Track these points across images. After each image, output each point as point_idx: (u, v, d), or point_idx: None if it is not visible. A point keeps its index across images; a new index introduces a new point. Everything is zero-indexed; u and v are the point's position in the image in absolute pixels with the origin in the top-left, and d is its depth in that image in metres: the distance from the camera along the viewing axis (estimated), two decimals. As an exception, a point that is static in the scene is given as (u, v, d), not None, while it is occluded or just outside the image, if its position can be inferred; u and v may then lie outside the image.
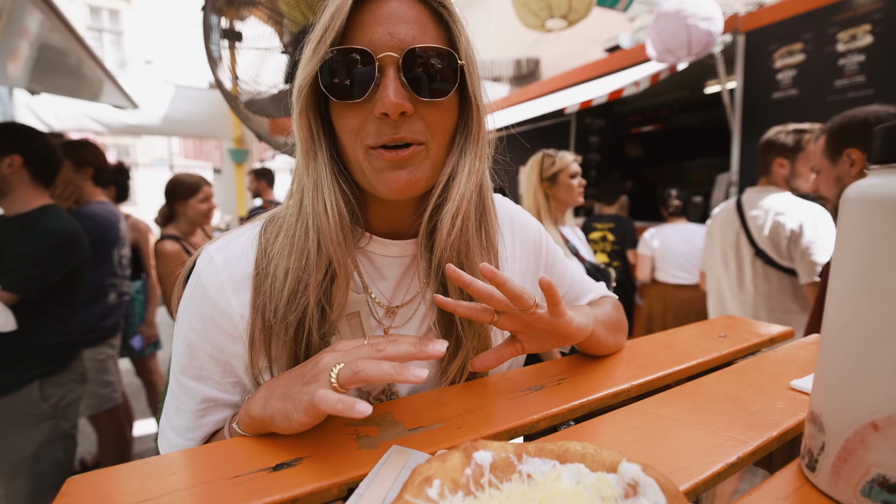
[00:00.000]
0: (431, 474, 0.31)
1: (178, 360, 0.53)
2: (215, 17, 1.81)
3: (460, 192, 0.52)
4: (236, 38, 1.85)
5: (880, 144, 0.34)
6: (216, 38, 1.84)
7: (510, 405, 0.53)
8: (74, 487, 0.39)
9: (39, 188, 1.54)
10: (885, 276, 0.32)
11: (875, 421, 0.32)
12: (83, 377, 1.68)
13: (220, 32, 1.84)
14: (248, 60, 1.89)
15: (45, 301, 1.50)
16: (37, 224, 1.48)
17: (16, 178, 1.48)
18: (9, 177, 1.47)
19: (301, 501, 0.38)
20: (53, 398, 1.52)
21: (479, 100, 0.53)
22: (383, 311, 0.57)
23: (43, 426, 1.50)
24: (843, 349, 0.35)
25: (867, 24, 2.41)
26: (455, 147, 0.54)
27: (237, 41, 1.87)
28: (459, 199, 0.52)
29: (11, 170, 1.46)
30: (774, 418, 0.47)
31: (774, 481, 0.38)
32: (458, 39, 0.50)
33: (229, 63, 1.91)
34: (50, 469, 1.52)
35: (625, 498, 0.31)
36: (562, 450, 0.35)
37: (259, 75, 1.87)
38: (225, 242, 0.54)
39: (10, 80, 2.67)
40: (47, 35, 2.06)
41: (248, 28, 1.88)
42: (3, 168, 1.45)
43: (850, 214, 0.35)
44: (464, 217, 0.53)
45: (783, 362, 0.65)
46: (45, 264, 1.45)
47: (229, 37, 1.84)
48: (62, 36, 2.06)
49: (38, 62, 2.41)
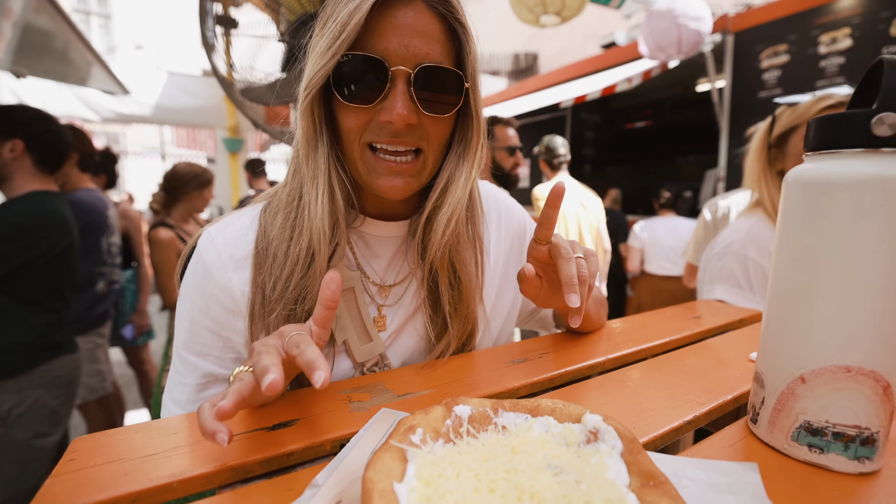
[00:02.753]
0: (415, 424, 0.35)
1: (181, 336, 0.56)
2: (210, 2, 1.80)
3: (456, 198, 0.56)
4: (231, 24, 1.85)
5: (813, 134, 0.38)
6: (211, 24, 1.83)
7: (494, 375, 0.56)
8: (81, 446, 0.41)
9: (43, 174, 1.46)
10: (813, 247, 0.36)
11: (803, 374, 0.37)
12: (60, 381, 1.49)
13: (215, 19, 1.83)
14: (243, 48, 1.88)
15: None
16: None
17: (17, 163, 1.40)
18: (9, 162, 1.38)
19: (296, 455, 0.41)
20: (5, 405, 1.35)
21: (479, 115, 0.56)
22: (376, 288, 0.61)
23: None
24: (780, 313, 0.39)
25: (847, 28, 2.50)
26: (452, 154, 0.58)
27: (232, 28, 1.86)
28: (455, 203, 0.56)
29: (13, 155, 1.38)
30: (731, 384, 0.52)
31: (723, 434, 0.42)
32: (468, 56, 0.52)
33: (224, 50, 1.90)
34: None
35: (586, 443, 0.35)
36: (534, 405, 0.39)
37: (255, 63, 1.87)
38: (225, 224, 0.57)
39: (-7, 62, 2.62)
40: (31, 16, 2.02)
41: (244, 15, 1.87)
42: (5, 153, 1.37)
43: (787, 194, 0.39)
44: (457, 219, 0.57)
45: (748, 339, 0.70)
46: None
47: (224, 23, 1.83)
48: (48, 17, 2.02)
49: (21, 44, 2.36)
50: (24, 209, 1.38)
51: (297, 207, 0.54)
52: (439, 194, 0.57)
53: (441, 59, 0.50)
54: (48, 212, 1.42)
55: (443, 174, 0.57)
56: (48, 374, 1.46)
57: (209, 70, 1.90)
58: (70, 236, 1.50)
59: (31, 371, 1.41)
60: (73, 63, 2.88)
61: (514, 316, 0.74)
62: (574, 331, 0.73)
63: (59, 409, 1.51)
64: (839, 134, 0.36)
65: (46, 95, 3.88)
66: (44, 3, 1.89)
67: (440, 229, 0.56)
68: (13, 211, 1.37)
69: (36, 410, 1.42)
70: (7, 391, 1.37)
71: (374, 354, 0.59)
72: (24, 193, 1.42)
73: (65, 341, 1.54)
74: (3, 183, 1.42)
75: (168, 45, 10.72)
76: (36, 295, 1.43)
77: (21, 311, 1.39)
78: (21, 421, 1.39)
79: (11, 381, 1.37)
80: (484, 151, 0.59)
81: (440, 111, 0.51)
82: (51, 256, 1.43)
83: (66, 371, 1.52)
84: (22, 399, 1.39)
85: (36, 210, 1.40)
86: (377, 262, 0.61)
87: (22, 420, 1.39)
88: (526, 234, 0.74)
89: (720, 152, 3.14)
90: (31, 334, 1.41)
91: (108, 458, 0.40)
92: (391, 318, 0.61)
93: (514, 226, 0.73)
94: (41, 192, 1.45)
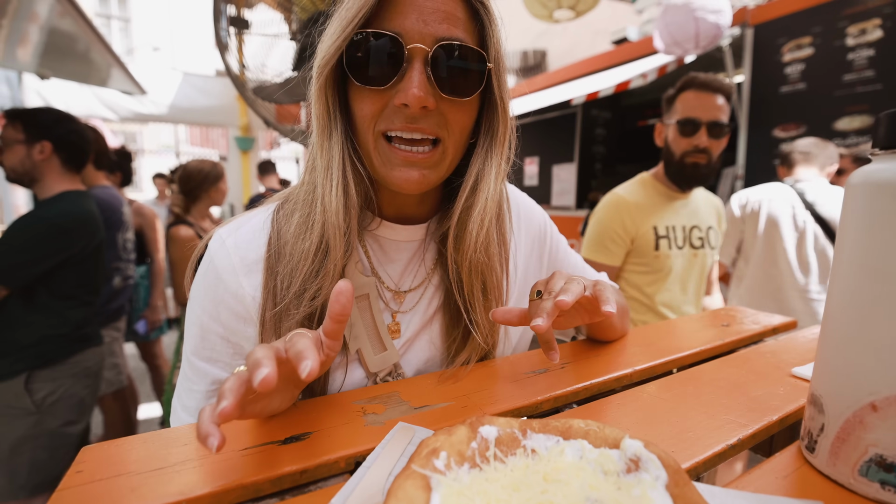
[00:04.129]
0: (438, 446, 0.32)
1: (190, 342, 0.54)
2: (224, 3, 1.80)
3: (488, 196, 0.53)
4: (244, 25, 1.85)
5: (884, 130, 0.34)
6: (225, 25, 1.84)
7: (514, 387, 0.54)
8: (89, 456, 0.40)
9: (71, 173, 1.52)
10: (885, 258, 0.32)
11: (874, 402, 0.33)
12: (89, 372, 1.58)
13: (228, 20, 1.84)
14: (255, 47, 1.89)
15: (37, 291, 1.42)
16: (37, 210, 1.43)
17: (47, 164, 1.45)
18: (40, 163, 1.44)
19: (309, 473, 0.39)
20: (40, 393, 1.43)
21: (505, 102, 0.52)
22: (391, 294, 0.58)
23: (24, 421, 1.41)
24: (844, 330, 0.35)
25: (877, 19, 2.39)
26: (480, 148, 0.54)
27: (245, 29, 1.87)
28: (488, 201, 0.53)
29: (42, 156, 1.44)
30: (775, 403, 0.48)
31: (774, 461, 0.38)
32: (490, 39, 0.49)
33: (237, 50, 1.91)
34: (25, 468, 1.41)
35: (627, 473, 0.32)
36: (565, 426, 0.36)
37: (266, 62, 1.87)
38: (236, 226, 0.55)
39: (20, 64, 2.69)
40: (57, 20, 2.07)
41: (257, 14, 1.88)
42: (35, 154, 1.43)
43: (853, 198, 0.35)
44: (490, 219, 0.54)
45: (785, 351, 0.65)
46: (32, 252, 1.36)
47: (237, 25, 1.84)
48: (72, 21, 2.07)
49: (47, 47, 2.43)
50: (62, 210, 1.44)
51: (310, 203, 0.51)
52: (469, 193, 0.53)
53: (462, 38, 0.47)
54: (84, 212, 1.49)
55: (471, 170, 0.53)
56: (79, 364, 1.54)
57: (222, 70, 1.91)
58: (101, 233, 1.58)
59: (64, 361, 1.50)
60: (95, 65, 2.93)
61: None
62: (597, 339, 0.69)
63: (87, 398, 1.59)
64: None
65: (69, 96, 3.96)
66: (68, 8, 1.93)
67: (474, 230, 0.52)
68: (52, 212, 1.43)
69: (67, 399, 1.51)
70: (43, 380, 1.45)
71: (388, 364, 0.56)
72: (58, 193, 1.49)
73: (94, 334, 1.63)
74: (34, 183, 1.49)
75: (183, 47, 10.88)
76: (72, 290, 1.51)
77: (58, 305, 1.48)
78: (53, 409, 1.47)
79: (47, 370, 1.46)
80: (513, 145, 0.55)
81: (461, 94, 0.48)
82: (86, 253, 1.51)
83: (94, 362, 1.62)
84: (55, 388, 1.47)
85: (73, 210, 1.47)
86: (392, 267, 0.59)
87: (54, 408, 1.47)
88: (546, 236, 0.71)
89: (738, 150, 3.05)
90: (66, 327, 1.50)
91: (116, 471, 0.38)
92: (406, 325, 0.59)
93: (535, 229, 0.70)
94: (75, 192, 1.52)
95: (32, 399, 1.42)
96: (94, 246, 1.54)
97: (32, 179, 1.47)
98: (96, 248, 1.56)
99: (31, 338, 1.42)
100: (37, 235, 1.37)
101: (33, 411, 1.43)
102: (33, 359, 1.43)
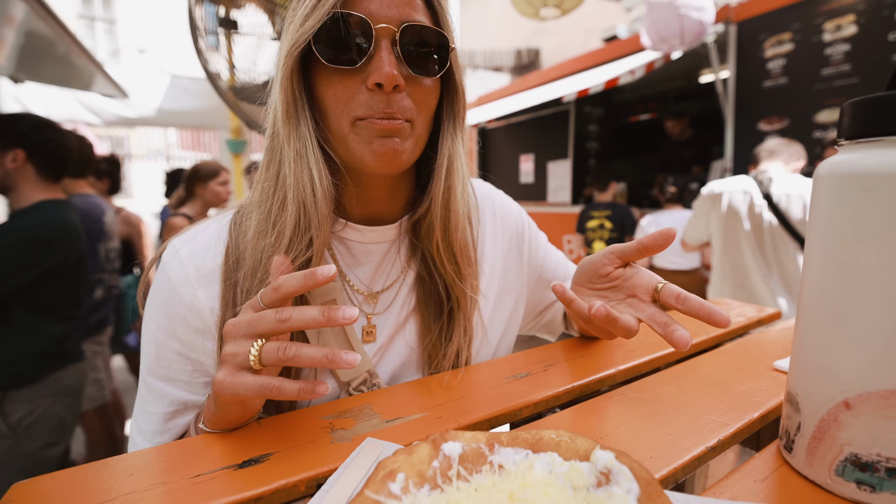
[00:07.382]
0: (395, 468, 0.30)
1: (146, 361, 0.51)
2: (212, 5, 1.78)
3: (464, 174, 0.55)
4: (232, 26, 1.83)
5: (848, 120, 0.33)
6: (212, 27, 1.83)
7: (494, 393, 0.52)
8: (18, 494, 0.36)
9: (48, 182, 1.44)
10: (854, 252, 0.31)
11: (847, 399, 0.31)
12: (70, 391, 1.48)
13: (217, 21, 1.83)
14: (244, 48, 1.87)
15: (12, 306, 1.33)
16: (11, 220, 1.35)
17: (20, 173, 1.38)
18: (13, 172, 1.36)
19: (265, 500, 0.36)
20: (15, 415, 1.33)
21: (462, 86, 0.54)
22: (362, 297, 0.56)
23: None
24: (816, 327, 0.34)
25: (852, 14, 2.46)
26: (446, 131, 0.54)
27: (233, 30, 1.85)
28: (464, 179, 0.55)
29: (16, 164, 1.36)
30: (757, 399, 0.46)
31: (753, 463, 0.37)
32: (446, 25, 0.50)
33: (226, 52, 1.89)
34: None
35: (597, 487, 0.30)
36: (535, 438, 0.34)
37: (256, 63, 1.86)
38: (191, 235, 0.52)
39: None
40: (34, 23, 2.01)
41: (245, 16, 1.86)
42: (7, 163, 1.35)
43: (820, 190, 0.34)
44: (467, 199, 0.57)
45: (769, 343, 0.64)
46: (6, 265, 1.28)
47: (225, 25, 1.82)
48: (49, 25, 2.01)
49: (24, 50, 2.36)
50: (40, 220, 1.37)
51: (272, 197, 0.49)
52: (447, 174, 0.53)
53: (423, 21, 0.48)
54: (62, 221, 1.41)
55: (443, 151, 0.53)
56: (59, 382, 1.45)
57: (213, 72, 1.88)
58: (82, 244, 1.49)
59: (42, 380, 1.40)
60: (76, 68, 2.86)
61: (515, 323, 0.69)
62: (588, 336, 0.67)
63: (67, 418, 1.50)
64: (885, 118, 0.31)
65: (49, 101, 3.86)
66: (41, 12, 1.87)
67: (459, 209, 0.54)
68: (29, 222, 1.35)
69: (45, 420, 1.41)
70: (19, 401, 1.35)
71: (362, 372, 0.54)
72: (35, 203, 1.40)
73: (75, 350, 1.53)
74: (9, 192, 1.41)
75: (171, 48, 10.73)
76: (52, 304, 1.42)
77: (37, 320, 1.39)
78: (30, 431, 1.38)
79: (24, 390, 1.36)
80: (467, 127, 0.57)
81: (427, 72, 0.48)
82: (67, 265, 1.43)
83: (74, 380, 1.52)
84: (33, 409, 1.38)
85: (50, 220, 1.39)
86: (362, 270, 0.56)
87: (31, 430, 1.38)
88: (524, 233, 0.69)
89: (726, 143, 3.08)
90: (45, 343, 1.41)
91: (45, 509, 0.34)
92: (381, 326, 0.56)
93: (511, 227, 0.68)
94: (53, 201, 1.44)
95: (7, 422, 1.33)
96: (75, 257, 1.46)
97: (6, 188, 1.40)
98: (78, 259, 1.48)
99: (5, 356, 1.33)
100: (12, 247, 1.29)
101: (7, 435, 1.33)
102: (8, 378, 1.34)
